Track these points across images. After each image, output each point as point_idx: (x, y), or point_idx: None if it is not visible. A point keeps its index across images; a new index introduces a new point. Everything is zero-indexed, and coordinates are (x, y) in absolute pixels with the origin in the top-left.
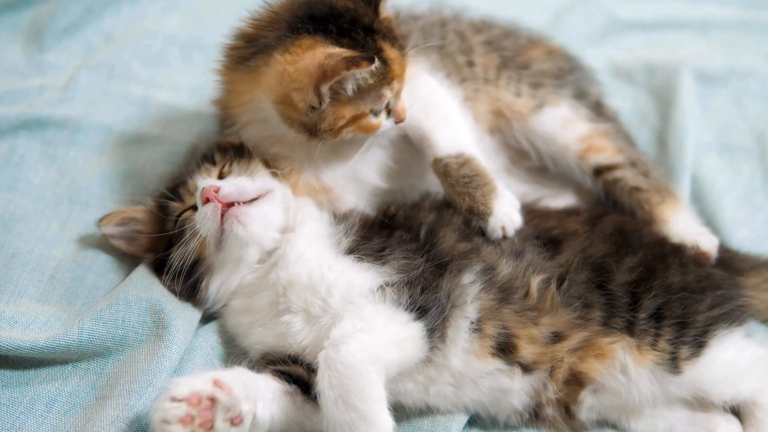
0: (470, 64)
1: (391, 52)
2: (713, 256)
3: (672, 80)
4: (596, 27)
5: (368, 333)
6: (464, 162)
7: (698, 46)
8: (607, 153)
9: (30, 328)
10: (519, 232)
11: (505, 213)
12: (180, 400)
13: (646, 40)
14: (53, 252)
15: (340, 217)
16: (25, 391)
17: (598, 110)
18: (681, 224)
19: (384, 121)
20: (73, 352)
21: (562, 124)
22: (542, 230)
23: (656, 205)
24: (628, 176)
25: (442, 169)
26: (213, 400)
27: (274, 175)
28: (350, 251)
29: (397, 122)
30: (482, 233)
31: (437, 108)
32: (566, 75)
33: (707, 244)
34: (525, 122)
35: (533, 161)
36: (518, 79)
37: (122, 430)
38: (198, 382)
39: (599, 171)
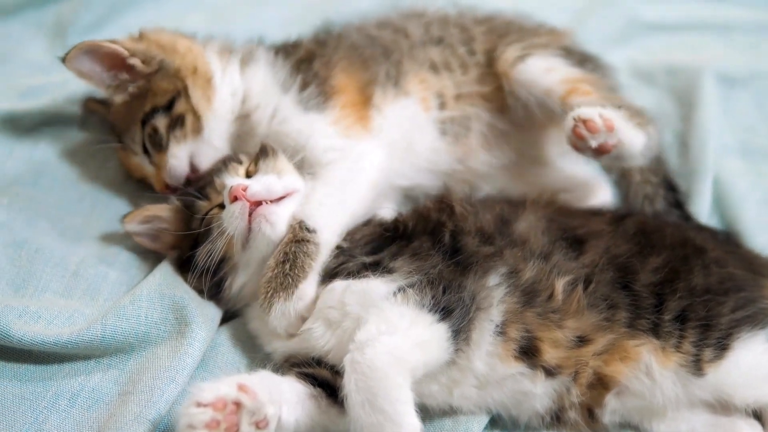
0: (471, 52)
1: None
2: (595, 126)
3: (694, 82)
4: (617, 28)
5: (393, 335)
6: (306, 240)
7: (720, 48)
8: (590, 97)
9: (53, 323)
10: (547, 233)
11: (282, 320)
12: (205, 405)
13: (667, 42)
14: (76, 248)
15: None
16: (49, 386)
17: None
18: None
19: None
20: (96, 347)
21: (545, 70)
22: (568, 229)
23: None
24: None
25: (290, 228)
26: (238, 405)
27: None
28: (334, 275)
29: None
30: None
31: (345, 186)
32: (569, 56)
33: (587, 114)
34: (509, 78)
35: (519, 116)
36: (510, 43)
37: (144, 427)
38: (223, 386)
39: None
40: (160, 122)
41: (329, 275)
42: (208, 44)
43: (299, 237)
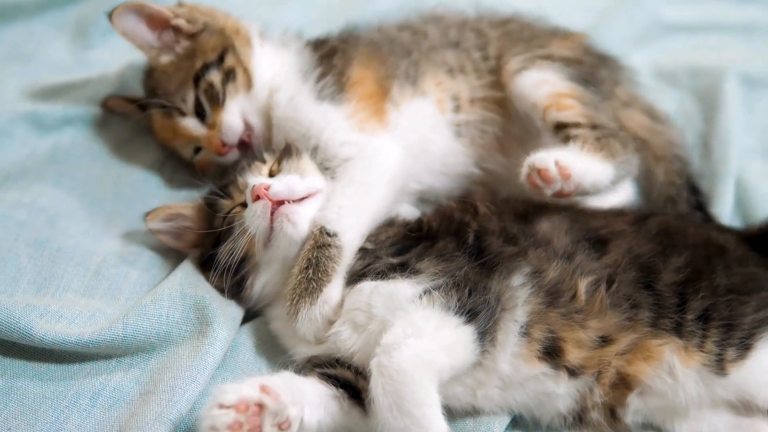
0: (485, 57)
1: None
2: (549, 176)
3: (716, 83)
4: (640, 29)
5: (419, 338)
6: (328, 244)
7: (742, 49)
8: (569, 112)
9: (75, 322)
10: (570, 233)
11: (309, 326)
12: (228, 407)
13: (689, 43)
14: (98, 247)
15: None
16: (70, 385)
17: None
18: (564, 149)
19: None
20: (117, 346)
21: (535, 84)
22: (590, 230)
23: (580, 144)
24: (581, 134)
25: (311, 234)
26: (261, 406)
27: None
28: (362, 276)
29: None
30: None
31: (364, 186)
32: (574, 64)
33: (542, 162)
34: (509, 89)
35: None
36: (516, 53)
37: (165, 426)
38: (245, 388)
39: (558, 127)
40: (215, 77)
41: (356, 276)
42: (244, 20)
43: (321, 242)
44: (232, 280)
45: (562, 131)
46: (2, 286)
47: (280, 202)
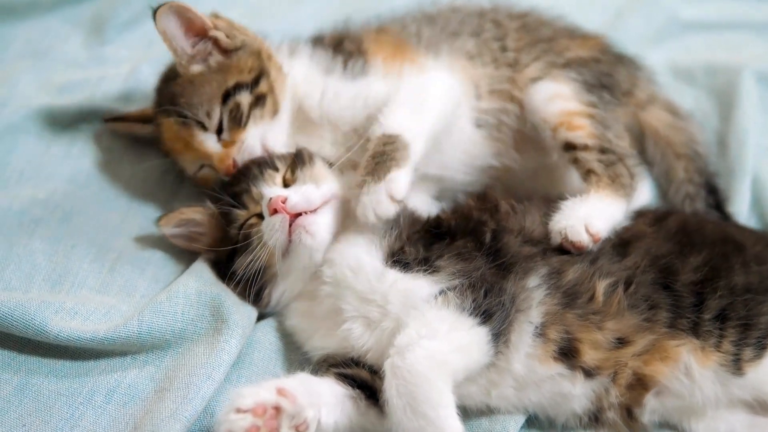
0: (504, 48)
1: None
2: (583, 246)
3: (733, 82)
4: (657, 27)
5: (433, 339)
6: (392, 142)
7: (759, 47)
8: (579, 132)
9: (90, 319)
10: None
11: (372, 200)
12: (245, 411)
13: (706, 41)
14: (113, 244)
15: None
16: (85, 382)
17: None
18: (585, 204)
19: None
20: (132, 343)
21: (548, 98)
22: (614, 233)
23: (594, 183)
24: (589, 158)
25: (374, 144)
26: (278, 409)
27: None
28: (395, 261)
29: None
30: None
31: (422, 98)
32: (591, 64)
33: (575, 234)
34: (523, 97)
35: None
36: (536, 57)
37: (180, 423)
38: (262, 391)
39: (567, 147)
40: (244, 99)
41: (389, 257)
42: (266, 39)
43: (385, 140)
44: (251, 290)
45: (570, 152)
46: (17, 283)
47: (298, 214)
